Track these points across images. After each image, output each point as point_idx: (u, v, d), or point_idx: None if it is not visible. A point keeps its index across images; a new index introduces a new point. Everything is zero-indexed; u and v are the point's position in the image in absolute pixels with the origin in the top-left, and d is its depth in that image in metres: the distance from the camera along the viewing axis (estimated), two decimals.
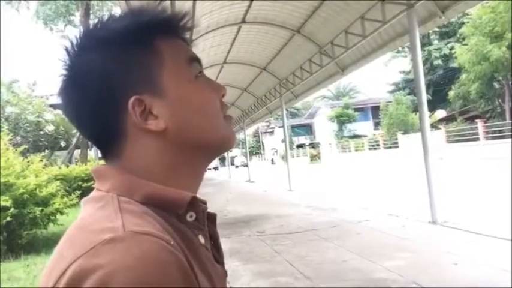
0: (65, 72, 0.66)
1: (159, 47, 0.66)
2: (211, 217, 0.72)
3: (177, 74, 0.67)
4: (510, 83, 25.95)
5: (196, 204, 0.64)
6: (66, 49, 0.66)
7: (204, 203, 0.71)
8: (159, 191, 0.61)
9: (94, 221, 0.56)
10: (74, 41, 0.66)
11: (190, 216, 0.63)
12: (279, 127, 53.78)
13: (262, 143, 68.84)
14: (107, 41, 0.65)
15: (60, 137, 21.36)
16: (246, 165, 31.56)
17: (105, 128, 0.65)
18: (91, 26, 0.68)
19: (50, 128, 20.86)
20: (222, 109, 0.71)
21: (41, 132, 20.36)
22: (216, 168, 45.73)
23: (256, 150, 70.16)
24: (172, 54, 0.67)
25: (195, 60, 0.71)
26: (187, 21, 0.71)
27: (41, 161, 8.54)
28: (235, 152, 70.70)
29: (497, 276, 4.31)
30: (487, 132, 24.98)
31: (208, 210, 0.69)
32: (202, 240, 0.64)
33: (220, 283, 0.66)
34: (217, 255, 0.70)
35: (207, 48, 12.46)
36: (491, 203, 8.74)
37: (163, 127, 0.64)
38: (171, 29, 0.69)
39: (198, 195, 0.68)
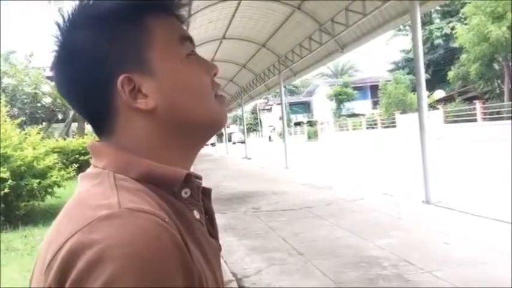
0: (56, 48, 0.67)
1: (150, 26, 0.66)
2: (207, 192, 0.73)
3: (168, 53, 0.67)
4: (510, 64, 25.82)
5: (191, 181, 0.65)
6: (58, 25, 0.66)
7: (199, 178, 0.72)
8: (154, 169, 0.62)
9: (91, 197, 0.57)
10: (66, 17, 0.66)
11: (185, 193, 0.64)
12: (277, 104, 53.51)
13: (260, 120, 68.68)
14: (99, 18, 0.65)
15: (58, 109, 21.24)
16: (243, 142, 31.56)
17: (96, 106, 0.65)
18: (84, 3, 0.67)
19: (47, 100, 20.71)
20: (214, 88, 0.71)
21: (38, 105, 20.24)
22: (213, 144, 45.73)
23: (253, 127, 70.01)
24: (164, 33, 0.67)
25: (187, 39, 0.70)
26: None
27: (38, 133, 8.52)
28: (232, 128, 70.62)
29: (486, 256, 4.39)
30: (485, 114, 24.96)
31: (204, 185, 0.71)
32: (197, 215, 0.65)
33: (214, 257, 0.67)
34: (212, 230, 0.71)
35: (205, 23, 12.32)
36: (486, 185, 8.82)
37: (153, 106, 0.64)
38: (164, 7, 0.69)
39: (192, 171, 0.69)
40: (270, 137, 56.88)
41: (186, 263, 0.53)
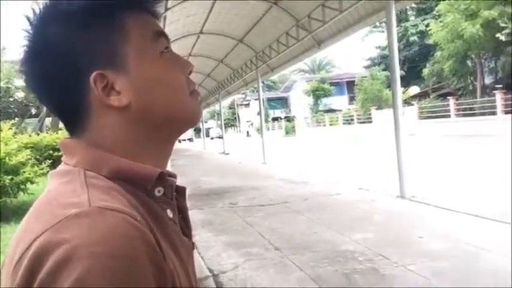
0: (27, 42, 0.65)
1: (123, 22, 0.65)
2: (181, 190, 0.72)
3: (142, 49, 0.66)
4: (482, 61, 26.39)
5: (164, 179, 0.65)
6: (29, 19, 0.65)
7: (173, 176, 0.72)
8: (126, 166, 0.61)
9: (60, 195, 0.56)
10: (38, 12, 0.65)
11: (158, 191, 0.64)
12: (255, 100, 53.60)
13: (238, 115, 68.62)
14: (71, 14, 0.63)
15: (31, 104, 20.79)
16: (221, 137, 31.48)
17: (68, 103, 0.64)
18: None
19: (19, 94, 20.27)
20: (189, 86, 0.71)
21: (11, 99, 19.79)
22: (190, 140, 45.54)
23: (231, 122, 69.92)
24: (138, 29, 0.66)
25: (162, 35, 0.69)
26: None
27: (11, 128, 8.33)
28: (210, 123, 70.36)
29: (458, 249, 4.50)
30: (458, 110, 25.48)
31: (178, 183, 0.70)
32: (170, 214, 0.65)
33: (187, 255, 0.67)
34: (186, 229, 0.70)
35: (182, 17, 12.22)
36: (459, 179, 9.01)
37: (126, 103, 0.63)
38: (138, 3, 0.68)
39: (168, 169, 0.68)
40: (248, 132, 56.90)
41: (157, 261, 0.52)
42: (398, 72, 7.55)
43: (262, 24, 13.36)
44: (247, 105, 64.97)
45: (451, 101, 25.66)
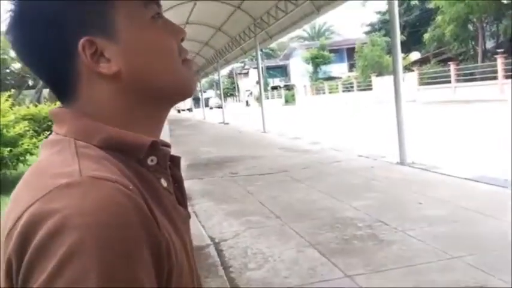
0: (13, 8, 0.62)
1: None
2: (175, 160, 0.72)
3: (132, 15, 0.63)
4: (484, 25, 26.04)
5: (157, 148, 0.63)
6: None
7: (167, 146, 0.70)
8: (117, 135, 0.60)
9: (51, 165, 0.56)
10: None
11: (151, 161, 0.62)
12: (254, 68, 53.16)
13: (237, 85, 68.25)
14: None
15: (28, 75, 20.65)
16: (220, 107, 31.44)
17: (57, 70, 0.62)
18: None
19: (16, 65, 20.12)
20: (181, 54, 0.69)
21: (7, 70, 19.68)
22: (190, 110, 45.49)
23: (230, 91, 69.61)
24: None
25: (153, 0, 0.67)
26: None
27: (7, 100, 8.29)
28: (209, 93, 70.12)
29: (457, 214, 4.54)
30: (459, 75, 25.31)
31: (178, 153, 0.69)
32: (164, 183, 0.64)
33: (183, 225, 0.66)
34: (181, 198, 0.70)
35: None
36: (459, 145, 9.03)
37: (116, 70, 0.61)
38: None
39: (167, 138, 0.67)
40: (247, 102, 56.79)
41: (150, 229, 0.52)
42: (399, 38, 7.46)
43: None
44: (246, 74, 64.54)
45: (452, 66, 25.45)
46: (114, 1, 0.63)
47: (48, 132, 8.76)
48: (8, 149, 6.98)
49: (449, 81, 25.35)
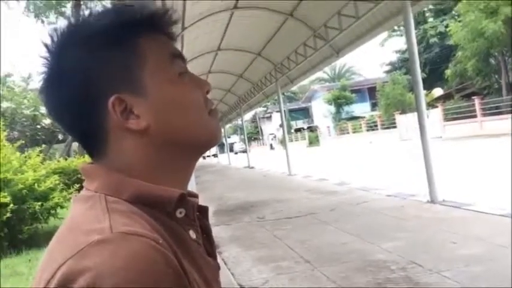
0: (45, 69, 0.66)
1: (140, 45, 0.66)
2: (203, 210, 0.72)
3: (159, 72, 0.66)
4: (506, 58, 25.85)
5: (185, 200, 0.64)
6: (47, 46, 0.66)
7: (195, 196, 0.71)
8: (146, 189, 0.61)
9: (83, 221, 0.57)
10: (55, 38, 0.65)
11: (180, 213, 0.63)
12: (277, 112, 53.66)
13: (261, 128, 68.75)
14: (88, 39, 0.64)
15: (58, 130, 21.28)
16: (245, 151, 31.56)
17: (87, 128, 0.65)
18: (72, 23, 0.66)
19: (46, 121, 20.79)
20: (207, 105, 0.71)
21: (38, 126, 20.32)
22: (215, 155, 45.77)
23: (254, 135, 70.08)
24: (154, 52, 0.67)
25: (178, 57, 0.70)
26: (171, 17, 0.71)
27: (38, 155, 8.52)
28: (233, 138, 70.66)
29: (494, 252, 4.36)
30: (484, 109, 24.95)
31: (203, 199, 0.70)
32: (193, 235, 0.64)
33: (213, 276, 0.66)
34: (210, 249, 0.70)
35: (200, 35, 12.36)
36: (490, 181, 8.78)
37: (145, 126, 0.63)
38: (154, 26, 0.68)
39: (193, 185, 0.68)
40: (271, 145, 56.91)
41: (181, 284, 0.52)
42: (419, 75, 7.45)
43: (279, 37, 13.40)
44: (269, 117, 65.10)
45: (477, 100, 25.13)
46: (142, 58, 0.65)
47: (78, 185, 8.92)
48: (40, 203, 7.11)
49: (475, 116, 24.98)
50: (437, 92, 35.20)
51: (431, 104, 29.02)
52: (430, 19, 39.92)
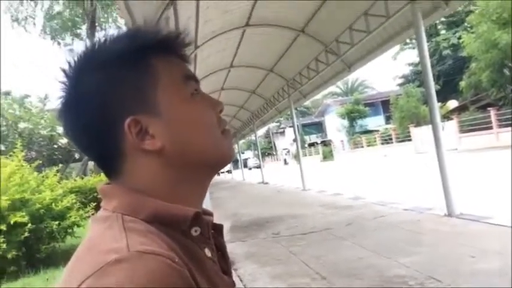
0: (63, 94, 0.69)
1: (154, 68, 0.68)
2: (218, 228, 0.74)
3: (172, 93, 0.68)
4: None
5: (200, 219, 0.66)
6: (64, 71, 0.68)
7: (209, 214, 0.73)
8: (162, 209, 0.63)
9: (101, 241, 0.58)
10: (72, 63, 0.68)
11: (195, 231, 0.65)
12: (290, 127, 53.71)
13: (274, 144, 68.74)
14: (103, 63, 0.66)
15: (74, 149, 21.52)
16: (259, 167, 31.53)
17: (104, 149, 0.67)
18: (89, 48, 0.69)
19: (63, 141, 21.04)
20: (220, 125, 0.73)
21: (55, 146, 20.54)
22: (229, 172, 45.74)
23: (268, 151, 70.05)
24: (168, 73, 0.69)
25: (191, 78, 0.72)
26: (183, 40, 0.73)
27: (55, 175, 8.62)
28: (247, 154, 70.70)
29: None
30: (500, 120, 24.64)
31: (218, 216, 0.71)
32: (208, 253, 0.66)
33: None
34: (225, 266, 0.71)
35: (213, 53, 12.49)
36: (508, 193, 8.63)
37: (160, 146, 0.65)
38: (167, 48, 0.71)
39: (207, 201, 0.69)
40: (285, 160, 56.82)
41: None
42: (433, 88, 7.40)
43: (290, 52, 13.48)
44: (283, 133, 65.13)
45: (492, 112, 24.85)
46: (156, 79, 0.67)
47: (94, 204, 8.98)
48: (57, 222, 7.18)
49: (491, 127, 24.67)
50: (452, 104, 34.89)
51: (446, 116, 28.76)
52: (443, 31, 39.83)
